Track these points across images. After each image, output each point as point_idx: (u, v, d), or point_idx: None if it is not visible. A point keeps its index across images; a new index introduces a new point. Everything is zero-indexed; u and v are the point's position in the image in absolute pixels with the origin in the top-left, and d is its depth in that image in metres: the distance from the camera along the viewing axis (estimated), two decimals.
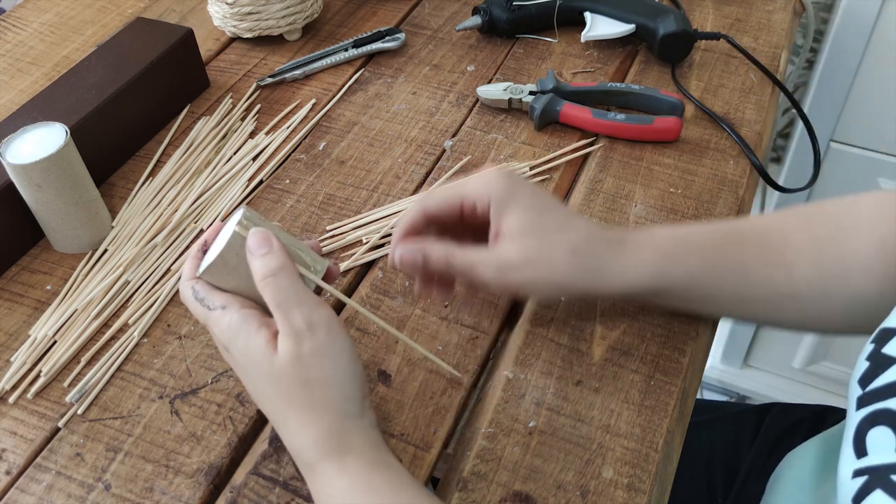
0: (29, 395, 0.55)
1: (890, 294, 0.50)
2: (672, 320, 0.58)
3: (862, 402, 0.42)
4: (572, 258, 0.50)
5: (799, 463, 0.60)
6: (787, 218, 0.54)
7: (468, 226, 0.54)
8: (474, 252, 0.51)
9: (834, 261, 0.51)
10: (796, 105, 0.77)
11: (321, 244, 0.64)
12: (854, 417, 0.42)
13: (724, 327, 1.45)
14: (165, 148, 0.74)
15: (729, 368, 1.51)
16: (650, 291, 0.52)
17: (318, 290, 0.49)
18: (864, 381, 0.42)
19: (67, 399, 0.55)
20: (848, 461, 0.41)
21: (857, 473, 0.40)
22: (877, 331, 0.43)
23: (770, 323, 0.55)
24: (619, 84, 0.75)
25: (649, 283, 0.51)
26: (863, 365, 0.43)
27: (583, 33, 0.81)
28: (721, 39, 0.80)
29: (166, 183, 0.70)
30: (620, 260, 0.51)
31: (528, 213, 0.50)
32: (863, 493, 0.38)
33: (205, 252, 0.48)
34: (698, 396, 1.02)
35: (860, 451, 0.40)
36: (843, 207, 0.53)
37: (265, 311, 0.46)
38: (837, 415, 0.75)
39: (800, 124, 1.22)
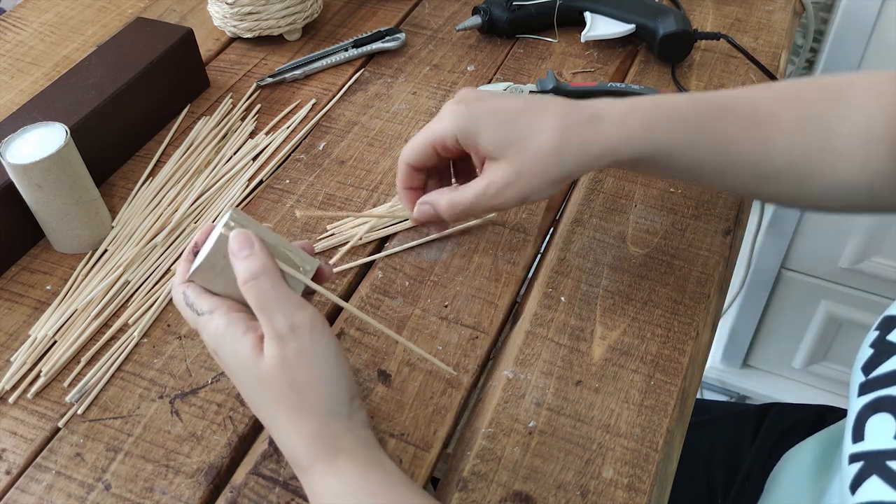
0: (29, 395, 0.55)
1: (866, 180, 0.50)
2: (672, 320, 0.58)
3: (864, 389, 0.42)
4: (556, 154, 0.50)
5: (798, 460, 0.60)
6: (779, 92, 0.54)
7: (456, 159, 0.56)
8: (471, 188, 0.52)
9: (817, 145, 0.51)
10: None
11: (320, 242, 0.64)
12: (856, 404, 0.42)
13: (724, 327, 1.45)
14: (165, 148, 0.74)
15: (729, 368, 1.51)
16: (635, 160, 0.52)
17: (312, 292, 0.49)
18: (868, 368, 0.42)
19: (67, 399, 0.55)
20: (846, 447, 0.41)
21: (853, 459, 0.40)
22: (881, 318, 0.43)
23: (748, 195, 0.58)
24: (619, 84, 0.75)
25: (633, 154, 0.52)
26: (866, 352, 0.43)
27: (583, 33, 0.81)
28: (721, 39, 0.80)
29: (166, 183, 0.70)
30: (604, 138, 0.51)
31: (496, 128, 0.51)
32: (859, 479, 0.38)
33: (195, 254, 0.48)
34: (698, 396, 1.02)
35: (858, 436, 0.40)
36: (837, 87, 0.53)
37: (254, 314, 0.45)
38: (837, 415, 0.75)
39: None
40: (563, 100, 0.53)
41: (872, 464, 0.38)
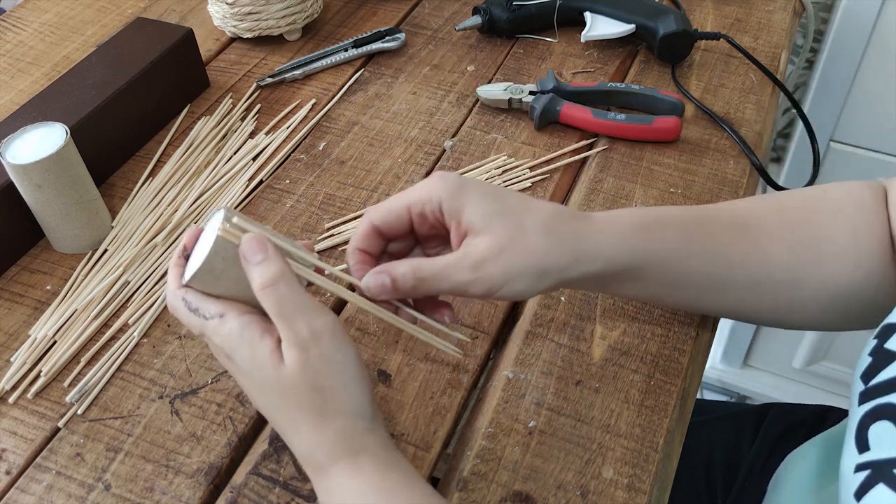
0: (29, 395, 0.55)
1: (863, 285, 0.50)
2: (672, 320, 0.58)
3: (864, 397, 0.42)
4: (546, 236, 0.47)
5: (800, 464, 0.60)
6: (761, 202, 0.54)
7: (419, 239, 0.51)
8: (442, 258, 0.46)
9: (808, 248, 0.51)
10: (796, 105, 0.77)
11: (320, 242, 0.64)
12: (856, 412, 0.42)
13: (724, 327, 1.45)
14: (165, 148, 0.74)
15: (729, 368, 1.51)
16: (628, 267, 0.49)
17: (310, 284, 0.47)
18: (867, 376, 0.42)
19: (67, 399, 0.55)
20: (850, 456, 0.41)
21: (860, 468, 0.40)
22: (880, 326, 0.44)
23: (743, 314, 0.53)
24: (619, 84, 0.75)
25: (627, 258, 0.49)
26: (865, 360, 0.43)
27: (583, 33, 0.81)
28: (721, 39, 0.80)
29: (166, 183, 0.70)
30: (594, 234, 0.48)
31: (485, 200, 0.46)
32: (865, 487, 0.38)
33: (186, 258, 0.46)
34: (698, 396, 1.02)
35: (862, 445, 0.40)
36: (814, 196, 0.53)
37: (264, 315, 0.44)
38: (838, 415, 0.75)
39: (800, 124, 1.22)
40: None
41: (878, 472, 0.38)
